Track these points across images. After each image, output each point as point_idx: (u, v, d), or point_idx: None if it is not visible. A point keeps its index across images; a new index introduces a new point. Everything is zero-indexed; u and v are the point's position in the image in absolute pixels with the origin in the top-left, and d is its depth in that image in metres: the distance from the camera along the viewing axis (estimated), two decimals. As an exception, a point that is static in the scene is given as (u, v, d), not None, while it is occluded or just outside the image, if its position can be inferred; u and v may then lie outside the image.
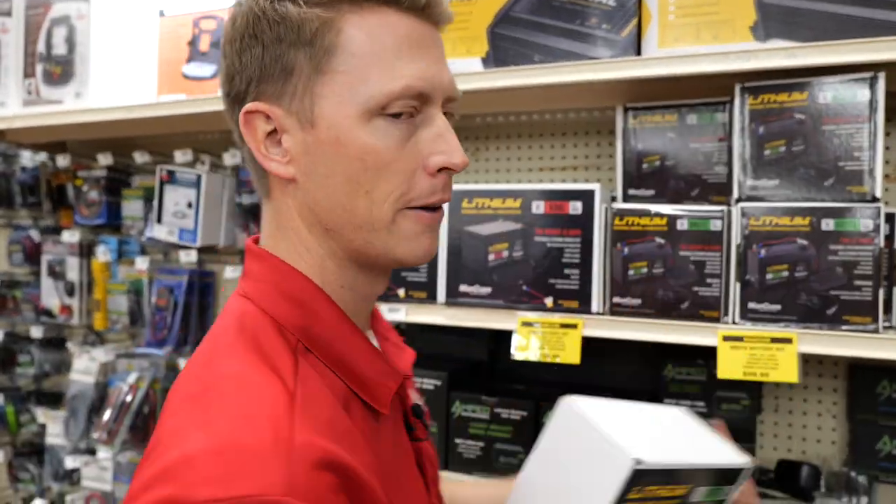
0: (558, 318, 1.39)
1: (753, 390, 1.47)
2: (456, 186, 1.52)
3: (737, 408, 1.47)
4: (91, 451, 2.32)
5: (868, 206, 1.22)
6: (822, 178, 1.26)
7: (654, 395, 1.56)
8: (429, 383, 1.63)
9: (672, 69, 1.32)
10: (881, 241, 1.21)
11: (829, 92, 1.25)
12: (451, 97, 0.71)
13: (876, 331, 1.21)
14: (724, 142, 1.40)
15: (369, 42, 0.66)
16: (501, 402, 1.57)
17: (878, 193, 1.23)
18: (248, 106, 0.68)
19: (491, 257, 1.47)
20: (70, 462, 2.33)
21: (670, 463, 0.69)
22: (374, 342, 0.78)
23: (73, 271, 2.41)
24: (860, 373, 1.53)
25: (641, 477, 0.67)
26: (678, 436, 0.80)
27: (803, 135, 1.27)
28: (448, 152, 0.68)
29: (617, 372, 1.65)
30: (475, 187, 1.50)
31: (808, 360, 1.64)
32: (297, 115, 0.68)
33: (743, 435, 1.42)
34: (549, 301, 1.42)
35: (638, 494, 0.67)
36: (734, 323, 1.30)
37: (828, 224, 1.23)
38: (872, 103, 1.23)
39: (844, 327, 1.22)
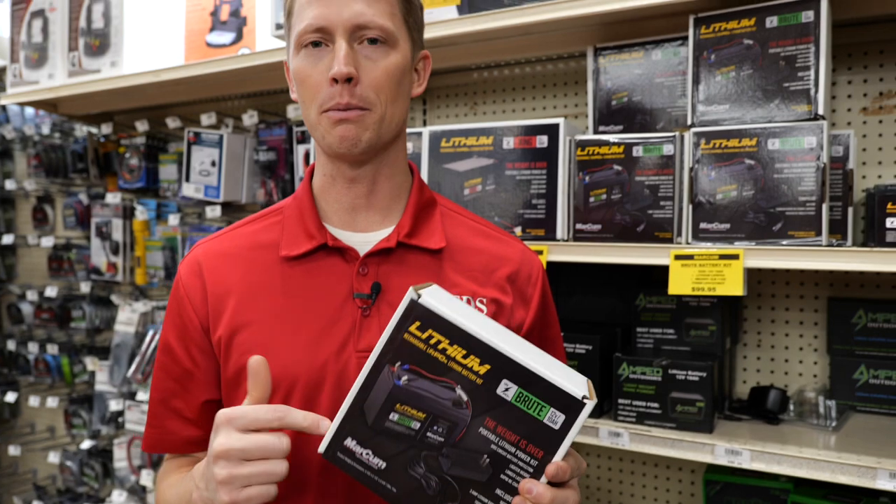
0: (526, 245, 1.48)
1: (723, 318, 1.51)
2: (434, 127, 1.62)
3: (704, 334, 1.52)
4: (132, 395, 2.53)
5: (811, 124, 1.25)
6: (768, 99, 1.30)
7: (627, 324, 1.62)
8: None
9: (636, 1, 1.38)
10: (825, 159, 1.24)
11: (774, 16, 1.29)
12: (357, 26, 0.90)
13: (820, 244, 1.24)
14: (687, 75, 1.46)
15: (298, 4, 0.93)
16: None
17: (822, 111, 1.26)
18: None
19: (466, 192, 1.56)
20: (114, 405, 2.54)
21: (454, 318, 0.74)
22: (338, 218, 0.99)
23: (117, 232, 2.63)
24: (837, 304, 1.55)
25: (421, 314, 0.74)
26: (508, 339, 0.79)
27: (751, 59, 1.32)
28: (334, 67, 0.88)
29: (593, 304, 1.72)
30: (451, 127, 1.59)
31: (789, 296, 1.66)
32: (287, 62, 0.99)
33: (708, 359, 1.46)
34: (517, 230, 1.50)
35: (420, 334, 0.75)
36: (687, 243, 1.36)
37: (773, 143, 1.28)
38: (816, 25, 1.26)
39: (786, 242, 1.26)
